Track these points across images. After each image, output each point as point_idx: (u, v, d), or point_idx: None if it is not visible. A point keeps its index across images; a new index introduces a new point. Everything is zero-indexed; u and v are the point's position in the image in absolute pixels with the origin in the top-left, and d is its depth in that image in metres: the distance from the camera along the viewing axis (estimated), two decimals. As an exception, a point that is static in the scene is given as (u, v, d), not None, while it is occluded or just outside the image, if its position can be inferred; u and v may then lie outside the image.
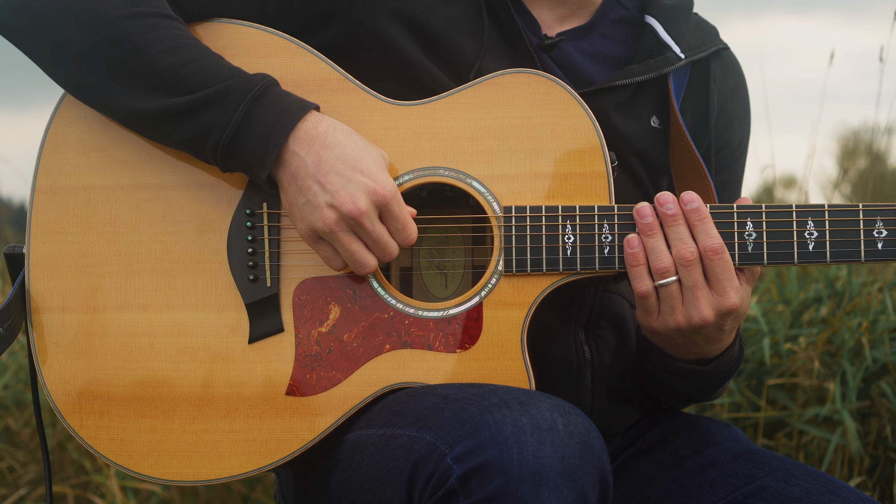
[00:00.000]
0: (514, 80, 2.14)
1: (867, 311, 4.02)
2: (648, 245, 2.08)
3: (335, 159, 2.03)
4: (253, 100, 2.04)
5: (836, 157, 21.72)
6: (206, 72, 2.07)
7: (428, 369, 2.12)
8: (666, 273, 2.07)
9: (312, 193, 2.03)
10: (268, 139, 2.03)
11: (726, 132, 2.42)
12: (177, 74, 2.06)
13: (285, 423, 2.12)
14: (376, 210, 2.04)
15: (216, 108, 2.05)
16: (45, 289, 2.17)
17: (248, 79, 2.07)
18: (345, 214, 2.02)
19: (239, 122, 2.04)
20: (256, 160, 2.05)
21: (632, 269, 2.09)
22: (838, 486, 2.17)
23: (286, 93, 2.09)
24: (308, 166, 2.03)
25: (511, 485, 1.77)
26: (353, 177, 2.02)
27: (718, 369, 2.24)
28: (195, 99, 2.05)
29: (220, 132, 2.04)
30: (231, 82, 2.06)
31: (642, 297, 2.10)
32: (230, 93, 2.05)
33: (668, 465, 2.36)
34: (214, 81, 2.06)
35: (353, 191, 2.02)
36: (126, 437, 2.15)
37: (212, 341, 2.14)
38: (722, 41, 2.41)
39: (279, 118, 2.04)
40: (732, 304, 2.07)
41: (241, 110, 2.04)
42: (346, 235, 2.04)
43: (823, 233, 2.10)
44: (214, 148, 2.06)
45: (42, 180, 2.18)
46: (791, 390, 3.99)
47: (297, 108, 2.06)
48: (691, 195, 2.08)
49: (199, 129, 2.06)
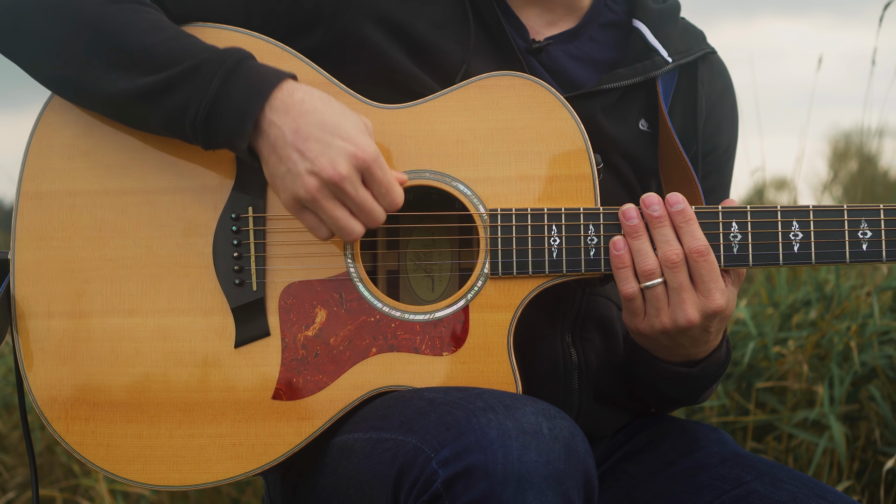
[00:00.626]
0: (500, 83, 2.14)
1: (856, 315, 4.03)
2: (634, 247, 2.09)
3: (313, 125, 2.01)
4: (227, 72, 2.03)
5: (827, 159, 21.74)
6: (180, 49, 2.06)
7: (414, 373, 2.11)
8: (652, 275, 2.08)
9: (293, 162, 2.01)
10: (244, 109, 2.02)
11: (714, 136, 2.43)
12: (153, 52, 2.06)
13: (272, 428, 2.12)
14: (358, 174, 2.01)
15: (191, 83, 2.03)
16: (30, 294, 2.16)
17: (221, 52, 2.06)
18: (326, 180, 1.99)
19: (215, 94, 2.02)
20: (235, 131, 2.03)
21: (617, 272, 2.09)
22: (825, 490, 2.17)
23: (261, 64, 2.07)
24: (286, 135, 2.01)
25: (495, 489, 1.77)
26: (332, 142, 2.00)
27: (705, 371, 2.23)
28: (170, 76, 2.04)
29: (197, 106, 2.03)
30: (205, 56, 2.05)
31: (628, 298, 2.10)
32: (204, 66, 2.04)
33: (655, 469, 2.36)
34: (189, 57, 2.05)
35: (333, 156, 1.99)
36: (112, 442, 2.14)
37: (198, 346, 2.14)
38: (709, 45, 2.42)
39: (255, 87, 2.02)
40: (718, 306, 2.07)
41: (216, 82, 2.02)
42: (330, 202, 2.01)
43: (808, 234, 2.10)
44: (193, 124, 2.04)
45: (27, 186, 2.18)
46: (780, 393, 3.99)
47: (272, 76, 2.04)
48: (677, 196, 2.09)
49: (176, 106, 2.04)
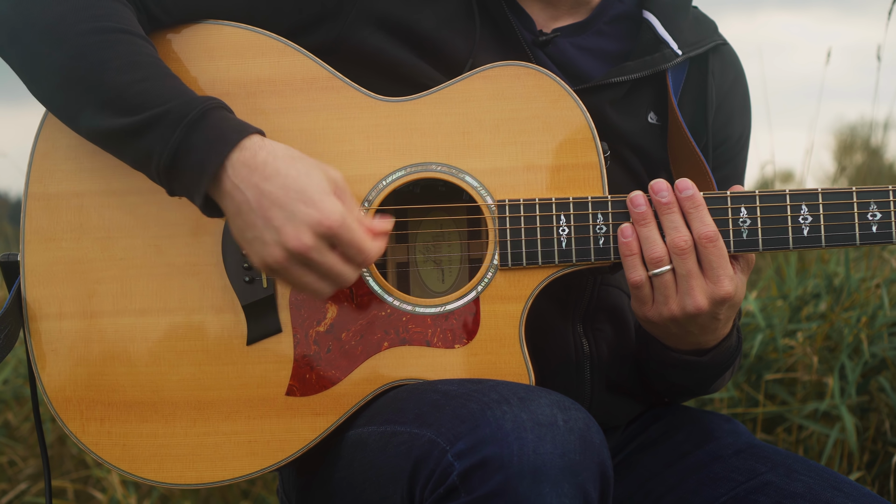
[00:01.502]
0: (504, 73, 2.14)
1: (866, 307, 4.03)
2: (642, 234, 2.08)
3: (277, 190, 1.94)
4: (189, 124, 1.98)
5: (833, 152, 21.72)
6: (150, 91, 2.02)
7: (427, 366, 2.11)
8: (660, 262, 2.07)
9: (259, 230, 1.94)
10: (203, 165, 1.96)
11: (726, 127, 2.42)
12: (124, 93, 2.02)
13: (286, 424, 2.12)
14: (325, 241, 1.93)
15: (155, 132, 1.99)
16: (41, 296, 2.16)
17: (187, 102, 2.00)
18: (292, 251, 1.92)
19: (176, 147, 1.97)
20: (193, 186, 1.99)
21: (625, 259, 2.09)
22: (840, 480, 2.17)
23: (228, 117, 2.02)
24: (250, 201, 1.94)
25: (511, 481, 1.77)
26: (296, 210, 1.92)
27: (716, 360, 2.23)
28: (137, 122, 2.00)
29: (160, 155, 1.98)
30: (170, 105, 2.00)
31: (636, 286, 2.10)
32: (167, 116, 1.99)
33: (670, 461, 2.36)
34: (157, 103, 2.00)
35: (297, 225, 1.92)
36: (128, 442, 2.14)
37: (210, 344, 2.13)
38: (721, 36, 2.41)
39: (214, 144, 1.97)
40: (726, 292, 2.07)
41: (178, 135, 1.97)
42: (298, 269, 1.95)
43: (818, 217, 2.10)
44: (157, 170, 2.01)
45: (34, 187, 2.18)
46: (790, 385, 3.99)
47: (234, 133, 1.98)
48: (686, 182, 2.08)
49: (142, 151, 2.01)
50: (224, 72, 2.15)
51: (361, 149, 2.14)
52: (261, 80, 2.14)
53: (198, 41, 2.17)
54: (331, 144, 2.14)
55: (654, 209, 2.09)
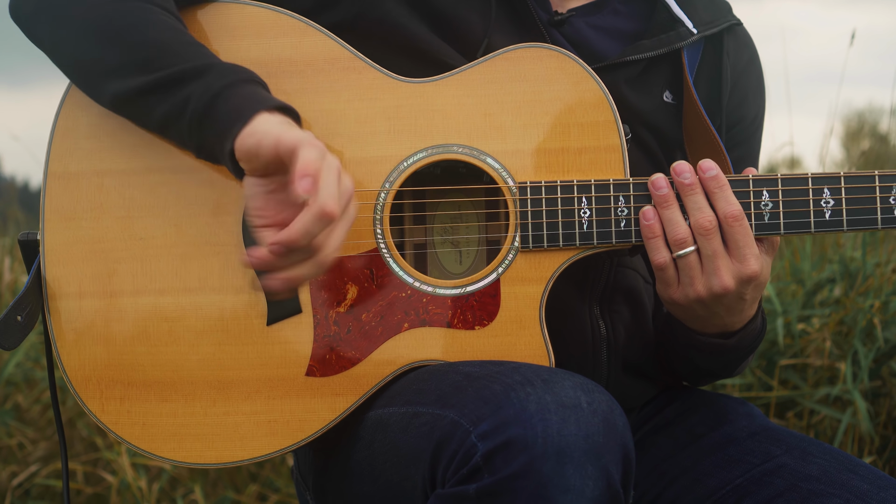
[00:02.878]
0: (526, 55, 2.13)
1: (880, 292, 4.02)
2: (665, 216, 2.08)
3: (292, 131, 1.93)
4: (231, 84, 1.99)
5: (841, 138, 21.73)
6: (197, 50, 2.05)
7: (447, 347, 2.11)
8: (684, 243, 2.07)
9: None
10: (240, 111, 1.95)
11: (740, 107, 2.41)
12: (168, 48, 2.03)
13: (306, 404, 2.12)
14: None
15: (198, 81, 2.00)
16: (61, 275, 2.16)
17: (231, 66, 2.04)
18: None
19: (216, 93, 1.98)
20: (225, 131, 1.96)
21: (648, 241, 2.09)
22: (855, 463, 2.17)
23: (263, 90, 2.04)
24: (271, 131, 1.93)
25: (535, 462, 1.77)
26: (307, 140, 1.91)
27: (742, 342, 2.23)
28: (180, 70, 2.01)
29: (198, 100, 1.98)
30: (216, 62, 2.03)
31: (660, 268, 2.09)
32: (213, 69, 2.01)
33: (684, 443, 2.36)
34: (203, 57, 2.03)
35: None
36: (148, 421, 2.14)
37: (230, 324, 2.13)
38: (735, 17, 2.40)
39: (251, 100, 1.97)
40: (753, 271, 2.06)
41: (221, 84, 1.98)
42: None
43: (840, 201, 2.09)
44: (189, 121, 2.00)
45: (54, 166, 2.17)
46: (802, 370, 3.99)
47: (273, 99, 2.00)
48: (709, 163, 2.08)
49: (178, 100, 2.00)
50: (245, 51, 2.15)
51: (383, 130, 2.13)
52: (282, 61, 2.14)
53: (220, 20, 2.16)
54: (352, 125, 2.13)
55: (677, 191, 2.09)
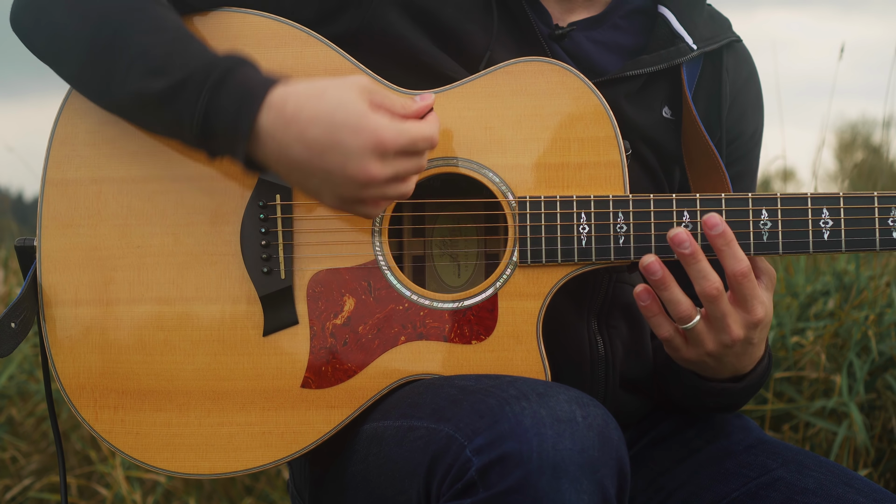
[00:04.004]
0: (527, 69, 2.13)
1: (874, 305, 4.03)
2: (664, 297, 2.07)
3: (322, 134, 1.92)
4: (213, 87, 1.97)
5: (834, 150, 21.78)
6: (174, 53, 2.02)
7: (443, 361, 2.11)
8: (688, 319, 2.07)
9: (321, 179, 1.95)
10: (236, 127, 1.96)
11: (739, 123, 2.41)
12: (148, 54, 2.02)
13: (301, 416, 2.11)
14: (389, 157, 1.94)
15: (180, 100, 1.99)
16: (57, 282, 2.15)
17: (209, 63, 2.00)
18: (365, 182, 1.94)
19: (204, 113, 1.97)
20: (232, 149, 1.99)
21: (649, 319, 2.10)
22: (851, 476, 2.17)
23: (249, 74, 2.00)
24: (301, 155, 1.94)
25: (531, 477, 1.76)
26: (348, 144, 1.91)
27: (751, 383, 2.23)
28: (163, 89, 1.99)
29: (190, 124, 1.98)
30: (191, 68, 1.99)
31: (667, 340, 2.10)
32: (190, 81, 1.98)
33: (681, 456, 2.35)
34: (179, 65, 2.00)
35: (357, 158, 1.92)
36: (141, 430, 2.13)
37: (226, 334, 2.13)
38: (735, 33, 2.40)
39: (241, 106, 1.96)
40: (759, 318, 2.06)
41: (203, 100, 1.97)
42: (376, 190, 1.97)
43: (839, 221, 2.09)
44: (193, 137, 2.01)
45: (52, 173, 2.17)
46: (797, 383, 3.99)
47: (259, 88, 1.97)
48: (714, 218, 2.04)
49: (173, 119, 2.01)
50: None
51: None
52: (283, 71, 2.13)
53: (220, 29, 2.15)
54: None
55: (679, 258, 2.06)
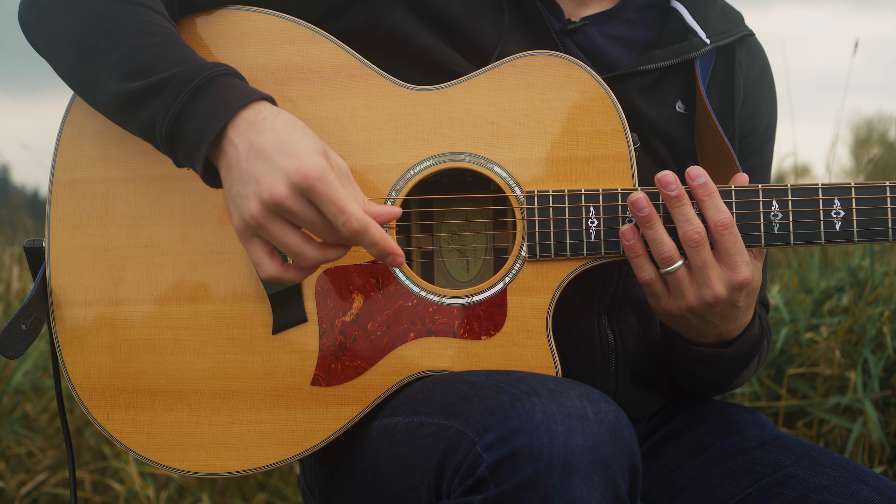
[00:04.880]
0: (534, 63, 2.12)
1: (889, 301, 4.00)
2: (648, 236, 2.07)
3: (266, 143, 1.87)
4: (193, 91, 1.93)
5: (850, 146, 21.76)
6: (159, 56, 1.99)
7: (453, 357, 2.10)
8: (670, 260, 2.06)
9: (243, 183, 1.86)
10: (203, 131, 1.91)
11: (753, 118, 2.40)
12: (134, 56, 1.99)
13: (311, 414, 2.11)
14: (300, 194, 1.83)
15: (158, 99, 1.96)
16: (66, 283, 2.15)
17: (194, 68, 1.96)
18: (267, 202, 1.83)
19: (177, 114, 1.93)
20: (193, 153, 1.94)
21: (632, 260, 2.08)
22: (865, 473, 2.15)
23: (235, 83, 1.97)
24: (240, 154, 1.88)
25: (542, 473, 1.75)
26: (277, 160, 1.84)
27: (741, 350, 2.21)
28: (142, 87, 1.97)
29: (162, 121, 1.95)
30: (176, 71, 1.96)
31: (648, 284, 2.09)
32: (171, 82, 1.95)
33: (693, 452, 2.35)
34: (164, 68, 1.97)
35: (275, 175, 1.83)
36: (152, 430, 2.13)
37: (235, 333, 2.13)
38: (747, 27, 2.39)
39: (216, 110, 1.92)
40: (744, 278, 2.05)
41: (180, 101, 1.93)
42: (276, 225, 1.86)
43: (850, 212, 2.08)
44: (161, 139, 1.97)
45: (60, 173, 2.17)
46: (811, 380, 3.97)
47: (237, 99, 1.93)
48: (698, 170, 2.06)
49: (147, 119, 1.98)
50: (251, 59, 2.14)
51: (389, 138, 2.12)
52: (288, 68, 2.13)
53: (225, 27, 2.16)
54: (359, 133, 2.13)
55: (662, 204, 2.07)
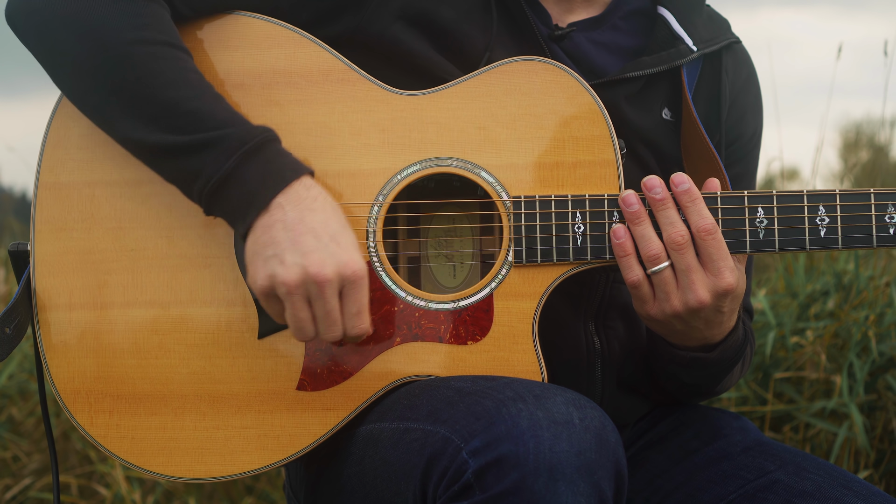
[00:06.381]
0: (521, 68, 2.12)
1: (874, 305, 4.02)
2: (637, 233, 2.07)
3: (317, 223, 1.98)
4: (246, 153, 2.00)
5: (839, 149, 21.78)
6: (202, 112, 2.03)
7: (439, 362, 2.10)
8: (657, 259, 2.06)
9: (282, 248, 1.96)
10: (253, 197, 1.99)
11: (739, 125, 2.41)
12: (175, 110, 2.02)
13: (297, 419, 2.11)
14: (340, 285, 1.98)
15: (210, 154, 2.00)
16: (51, 286, 2.14)
17: (247, 129, 2.02)
18: (310, 277, 1.95)
19: (229, 173, 1.99)
20: (238, 215, 2.01)
21: (620, 260, 2.08)
22: (849, 479, 2.16)
23: (284, 151, 2.04)
24: (287, 220, 1.97)
25: (527, 479, 1.76)
26: (328, 245, 1.97)
27: (724, 355, 2.22)
28: (189, 141, 2.00)
29: (208, 178, 2.00)
30: (230, 130, 2.01)
31: (634, 286, 2.09)
32: (226, 140, 2.00)
33: (678, 458, 2.35)
34: (213, 125, 2.01)
35: (324, 257, 1.95)
36: (137, 434, 2.13)
37: (221, 337, 2.12)
38: (734, 34, 2.40)
39: (268, 178, 1.99)
40: (728, 284, 2.05)
41: (234, 161, 1.99)
42: (301, 301, 1.97)
43: (835, 219, 2.08)
44: (200, 192, 2.02)
45: (45, 176, 2.16)
46: (798, 384, 3.98)
47: (289, 171, 2.01)
48: (681, 176, 2.07)
49: (189, 170, 2.02)
50: (239, 62, 2.14)
51: (376, 142, 2.12)
52: (276, 72, 2.13)
53: (213, 31, 2.15)
54: (346, 138, 2.13)
55: (649, 206, 2.08)
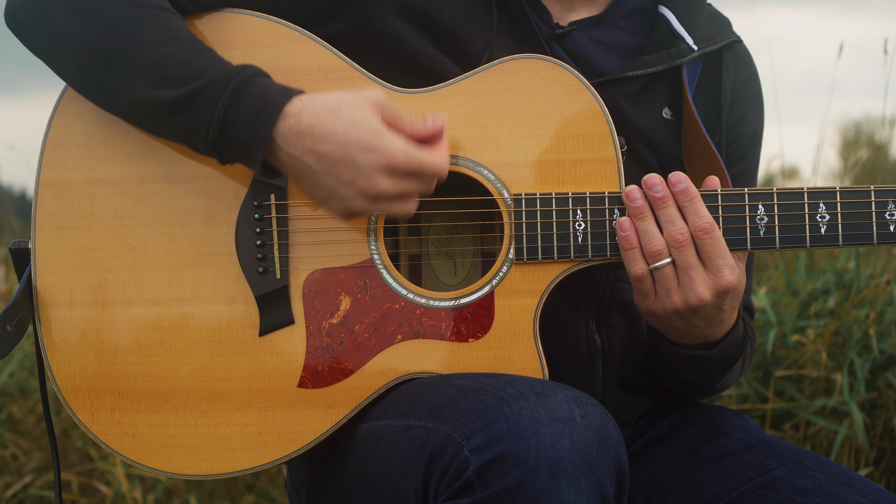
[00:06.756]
0: (522, 66, 2.12)
1: (875, 303, 4.02)
2: (640, 228, 2.08)
3: (335, 149, 1.99)
4: (231, 94, 2.00)
5: (838, 148, 21.78)
6: (189, 63, 2.04)
7: (440, 359, 2.10)
8: (659, 255, 2.07)
9: (329, 188, 2.01)
10: (252, 136, 2.00)
11: (739, 124, 2.41)
12: (163, 64, 2.04)
13: (298, 416, 2.11)
14: (398, 176, 2.00)
15: (197, 106, 2.02)
16: (52, 284, 2.15)
17: (227, 72, 2.03)
18: (374, 196, 2.00)
19: (221, 119, 2.00)
20: (248, 156, 2.02)
21: (625, 253, 2.09)
22: (851, 476, 2.16)
23: (268, 83, 2.04)
24: (312, 166, 2.00)
25: (529, 476, 1.76)
26: (360, 160, 1.98)
27: (724, 353, 2.22)
28: (178, 96, 2.02)
29: (206, 128, 2.01)
30: (210, 77, 2.02)
31: (638, 279, 2.09)
32: (209, 88, 2.01)
33: (679, 455, 2.35)
34: (197, 75, 2.02)
35: (367, 174, 1.98)
36: (138, 432, 2.13)
37: (222, 335, 2.12)
38: (735, 33, 2.40)
39: (261, 112, 2.00)
40: (728, 283, 2.06)
41: (222, 107, 2.00)
42: (383, 205, 2.03)
43: (835, 216, 2.08)
44: (206, 144, 2.03)
45: (46, 175, 2.17)
46: (798, 382, 3.98)
47: (278, 97, 2.01)
48: (679, 176, 2.08)
49: (186, 125, 2.04)
50: (239, 61, 2.12)
51: None
52: (276, 70, 2.12)
53: (214, 30, 2.16)
54: None
55: (650, 203, 2.08)
